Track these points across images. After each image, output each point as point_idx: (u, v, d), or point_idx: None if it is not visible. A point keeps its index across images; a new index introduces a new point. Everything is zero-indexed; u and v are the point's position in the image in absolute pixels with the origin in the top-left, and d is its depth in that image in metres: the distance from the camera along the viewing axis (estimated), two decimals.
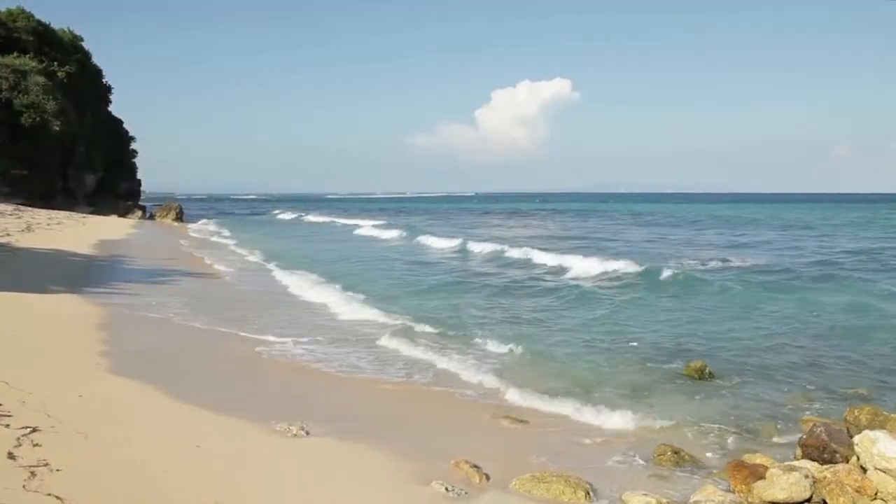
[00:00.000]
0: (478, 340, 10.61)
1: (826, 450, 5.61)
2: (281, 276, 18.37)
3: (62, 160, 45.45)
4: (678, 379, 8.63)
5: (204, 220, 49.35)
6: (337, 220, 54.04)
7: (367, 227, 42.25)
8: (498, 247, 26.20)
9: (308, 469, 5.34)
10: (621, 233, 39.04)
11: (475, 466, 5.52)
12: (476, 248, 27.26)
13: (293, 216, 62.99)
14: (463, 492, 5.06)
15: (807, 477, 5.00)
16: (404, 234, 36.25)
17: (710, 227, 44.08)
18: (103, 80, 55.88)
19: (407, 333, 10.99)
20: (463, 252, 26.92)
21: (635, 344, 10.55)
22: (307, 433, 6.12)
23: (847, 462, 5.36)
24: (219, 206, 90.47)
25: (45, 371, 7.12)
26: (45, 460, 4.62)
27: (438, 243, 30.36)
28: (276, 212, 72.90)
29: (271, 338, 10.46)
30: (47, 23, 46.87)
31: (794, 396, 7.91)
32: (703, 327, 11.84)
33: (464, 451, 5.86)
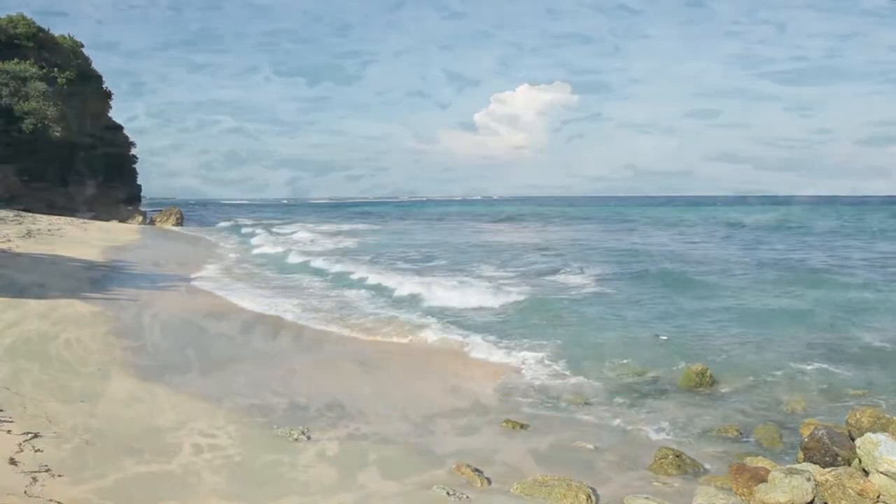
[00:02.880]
0: (471, 346, 10.65)
1: (828, 453, 5.60)
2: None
3: (62, 166, 45.51)
4: (679, 383, 8.62)
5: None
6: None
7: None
8: (344, 269, 20.52)
9: (310, 473, 5.33)
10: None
11: (477, 470, 5.51)
12: (320, 264, 22.10)
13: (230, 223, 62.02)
14: (465, 496, 5.05)
15: (809, 480, 4.99)
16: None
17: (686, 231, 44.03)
18: (103, 86, 56.01)
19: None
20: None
21: (636, 348, 10.54)
22: (308, 437, 6.12)
23: (849, 465, 5.34)
24: (199, 213, 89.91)
25: (45, 376, 7.11)
26: (46, 466, 4.62)
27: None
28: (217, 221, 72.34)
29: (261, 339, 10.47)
30: (47, 29, 47.06)
31: (795, 399, 7.90)
32: (698, 331, 11.83)
33: (465, 455, 5.86)
